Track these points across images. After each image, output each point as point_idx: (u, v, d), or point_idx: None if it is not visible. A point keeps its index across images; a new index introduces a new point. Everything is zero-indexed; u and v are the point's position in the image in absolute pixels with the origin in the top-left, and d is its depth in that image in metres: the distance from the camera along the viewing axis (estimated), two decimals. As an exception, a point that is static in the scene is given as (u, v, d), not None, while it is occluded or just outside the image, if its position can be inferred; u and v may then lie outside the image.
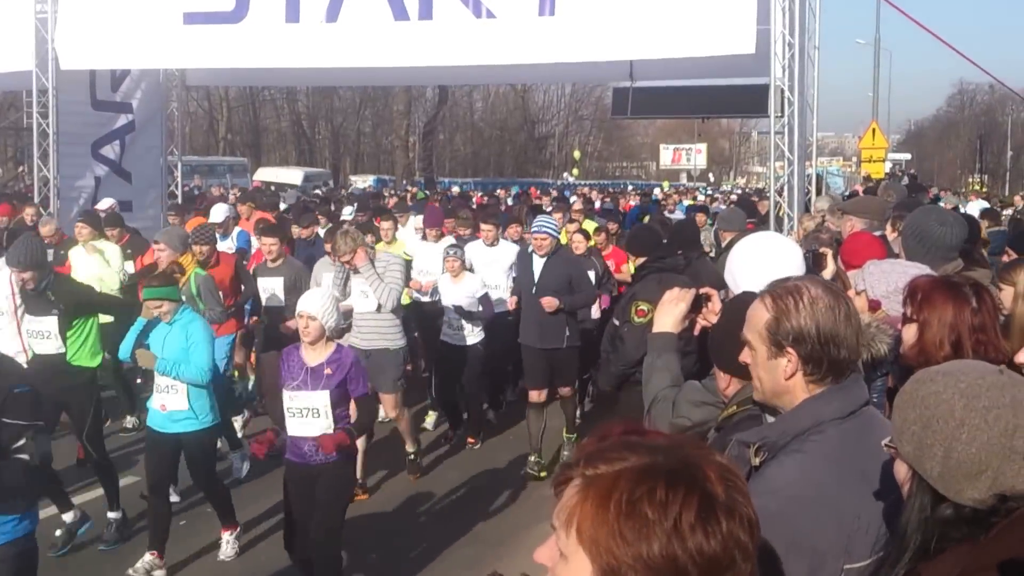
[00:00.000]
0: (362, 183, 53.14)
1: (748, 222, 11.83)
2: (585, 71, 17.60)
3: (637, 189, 54.11)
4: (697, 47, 11.93)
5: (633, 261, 8.23)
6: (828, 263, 5.64)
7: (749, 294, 3.61)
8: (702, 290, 4.12)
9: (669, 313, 4.06)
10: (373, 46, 13.07)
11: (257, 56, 13.79)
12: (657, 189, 52.41)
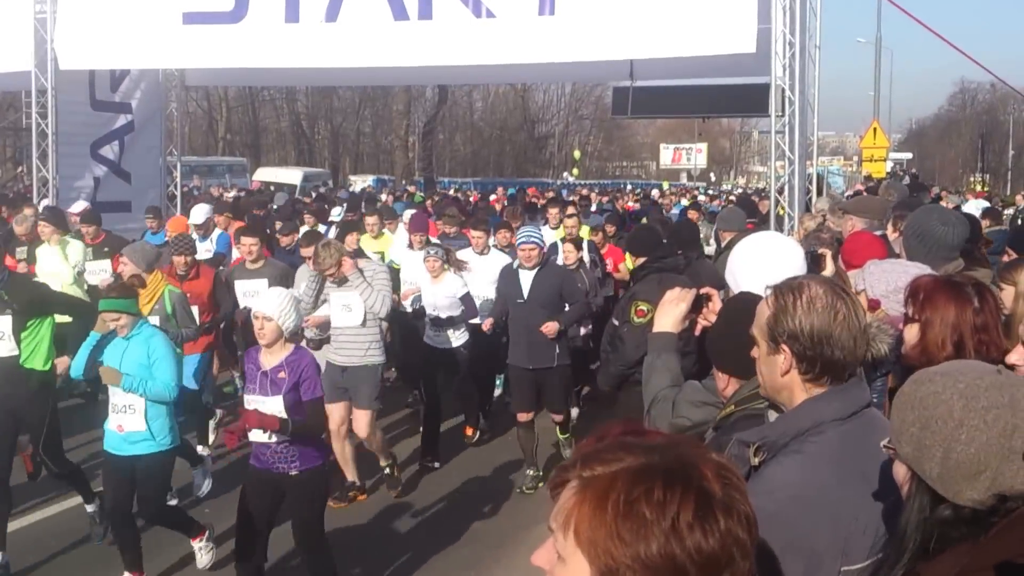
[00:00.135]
0: (361, 183, 53.05)
1: (748, 222, 11.81)
2: (585, 70, 17.60)
3: (636, 189, 54.07)
4: (697, 46, 11.93)
5: (634, 261, 8.19)
6: (827, 264, 5.62)
7: (747, 294, 3.63)
8: (702, 290, 4.12)
9: (669, 313, 4.06)
10: (373, 46, 13.06)
11: (256, 56, 13.78)
12: (656, 190, 52.41)
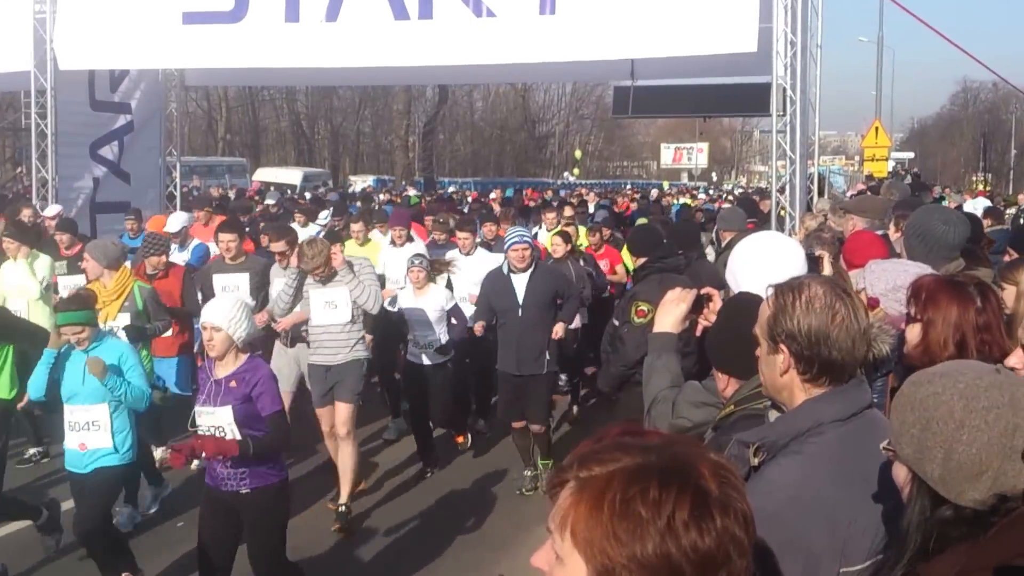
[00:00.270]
0: (362, 183, 53.04)
1: (749, 221, 11.77)
2: (586, 70, 17.59)
3: (636, 188, 54.02)
4: (698, 45, 11.90)
5: (634, 261, 8.15)
6: (825, 267, 5.60)
7: (747, 294, 3.63)
8: (703, 290, 4.12)
9: (670, 313, 4.07)
10: (373, 45, 13.05)
11: (256, 56, 13.76)
12: (655, 189, 52.37)
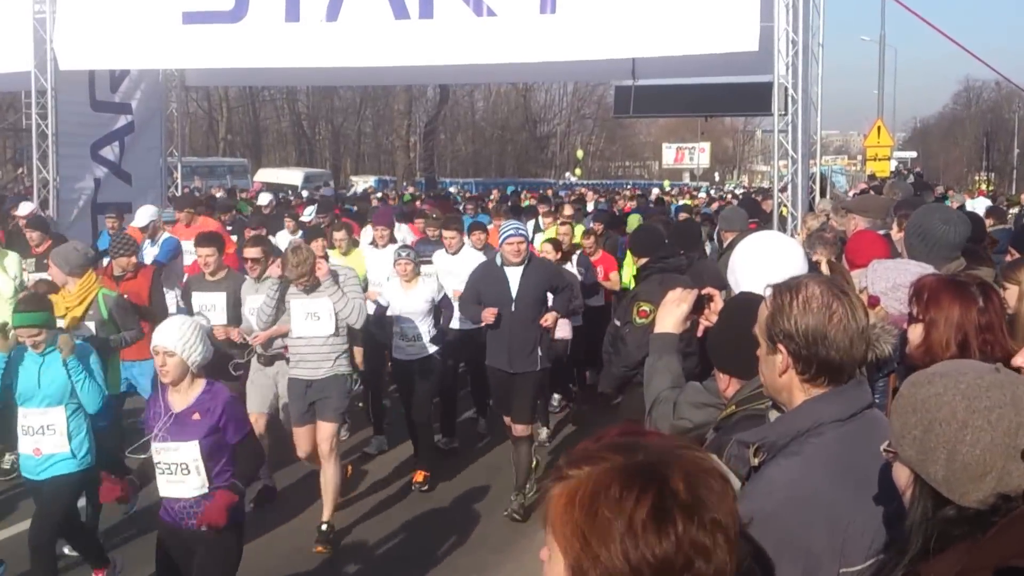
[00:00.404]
0: (363, 183, 53.07)
1: (751, 221, 11.76)
2: (587, 69, 17.58)
3: (637, 188, 54.02)
4: (700, 44, 11.88)
5: (636, 262, 8.13)
6: (823, 271, 5.59)
7: (748, 294, 3.64)
8: (704, 291, 4.12)
9: (671, 314, 4.07)
10: (373, 45, 13.02)
11: (257, 56, 13.74)
12: (656, 189, 52.36)
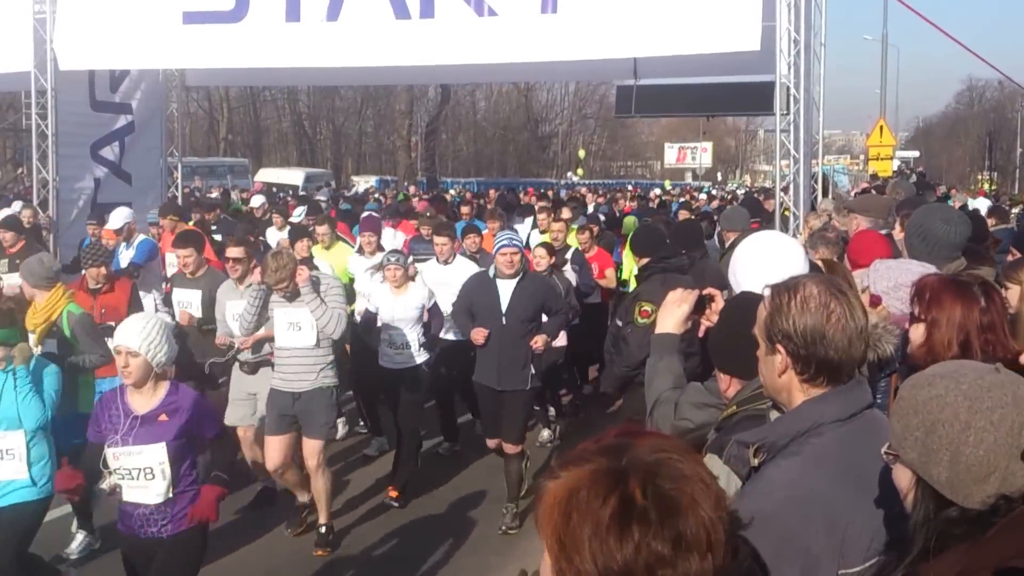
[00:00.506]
0: (364, 183, 53.04)
1: (753, 221, 11.73)
2: (588, 69, 17.53)
3: (637, 188, 54.01)
4: (701, 44, 11.84)
5: (637, 262, 8.12)
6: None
7: (748, 294, 3.63)
8: (705, 291, 4.13)
9: (672, 314, 4.08)
10: (374, 45, 12.98)
11: (257, 56, 13.70)
12: (657, 189, 52.35)
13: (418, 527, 8.92)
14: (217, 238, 13.95)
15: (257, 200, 21.11)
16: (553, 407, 11.93)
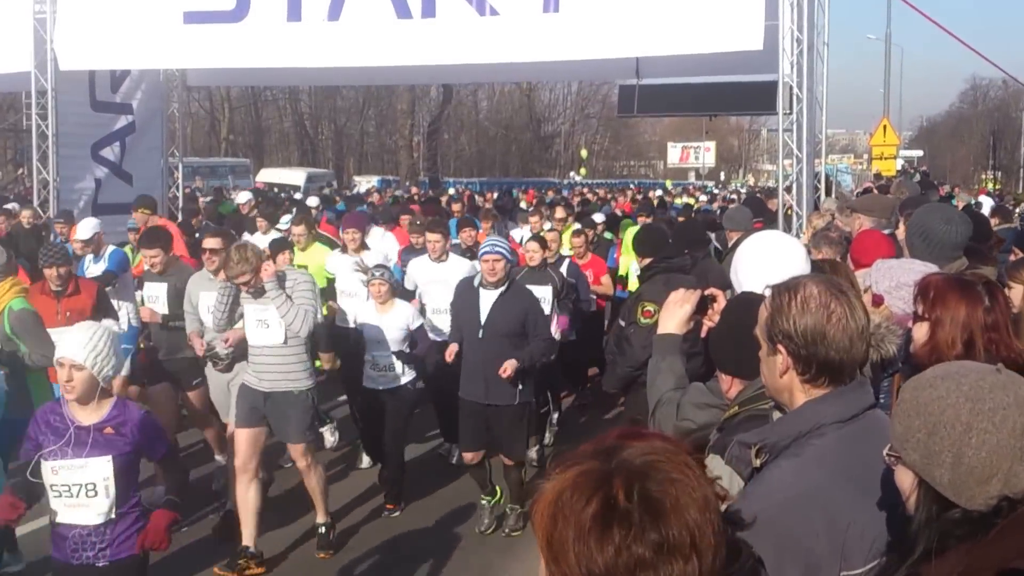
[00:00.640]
0: (366, 183, 53.03)
1: (756, 221, 11.70)
2: (591, 69, 17.54)
3: (639, 188, 54.02)
4: (704, 43, 11.85)
5: (640, 262, 8.08)
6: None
7: (749, 294, 3.64)
8: (707, 291, 4.11)
9: (674, 315, 4.07)
10: (376, 45, 13.00)
11: (258, 56, 13.72)
12: (659, 189, 52.36)
13: (420, 528, 8.87)
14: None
15: (243, 196, 20.06)
16: (554, 409, 11.59)
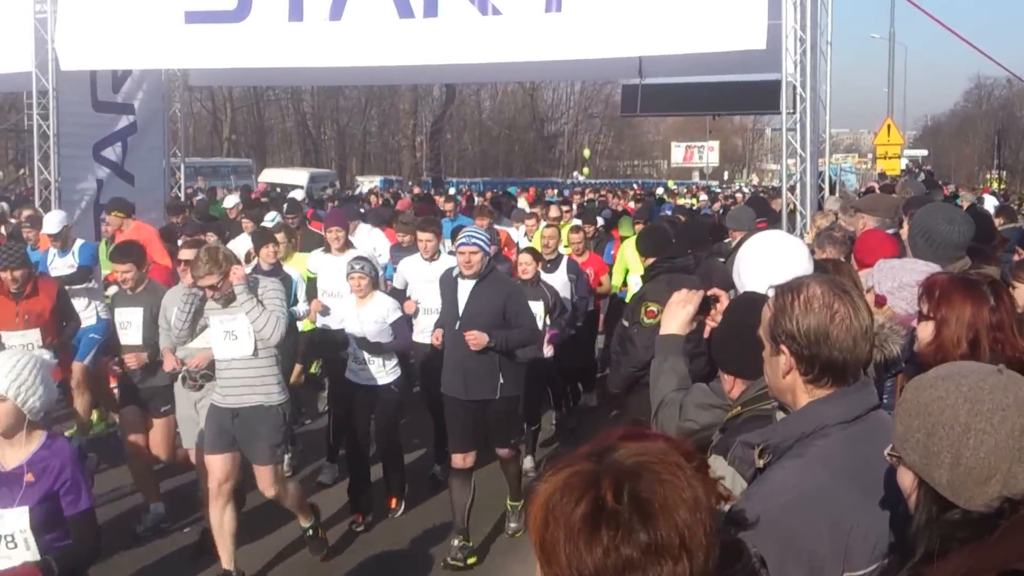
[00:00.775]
0: (369, 183, 53.04)
1: (759, 221, 11.67)
2: (593, 68, 17.55)
3: (641, 188, 54.03)
4: (707, 42, 11.83)
5: (643, 262, 8.06)
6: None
7: (751, 294, 3.64)
8: (710, 291, 4.10)
9: (676, 315, 4.05)
10: (378, 44, 12.98)
11: (260, 55, 13.70)
12: (660, 188, 52.36)
13: (424, 527, 8.84)
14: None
15: (231, 201, 19.58)
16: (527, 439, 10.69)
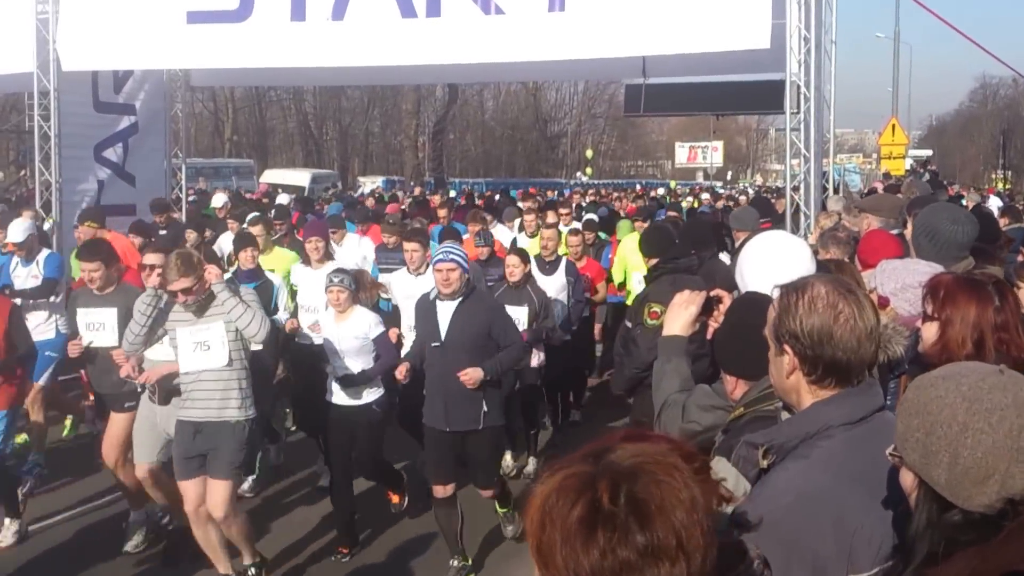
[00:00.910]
0: (371, 184, 53.03)
1: (763, 221, 11.64)
2: (597, 68, 17.50)
3: (643, 188, 53.97)
4: (710, 42, 11.79)
5: (646, 262, 8.04)
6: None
7: (753, 295, 3.65)
8: (713, 292, 4.09)
9: (679, 316, 4.05)
10: (380, 44, 12.95)
11: (262, 55, 13.67)
12: (662, 188, 52.29)
13: (420, 529, 8.86)
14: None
15: (219, 200, 19.19)
16: (528, 441, 10.70)
